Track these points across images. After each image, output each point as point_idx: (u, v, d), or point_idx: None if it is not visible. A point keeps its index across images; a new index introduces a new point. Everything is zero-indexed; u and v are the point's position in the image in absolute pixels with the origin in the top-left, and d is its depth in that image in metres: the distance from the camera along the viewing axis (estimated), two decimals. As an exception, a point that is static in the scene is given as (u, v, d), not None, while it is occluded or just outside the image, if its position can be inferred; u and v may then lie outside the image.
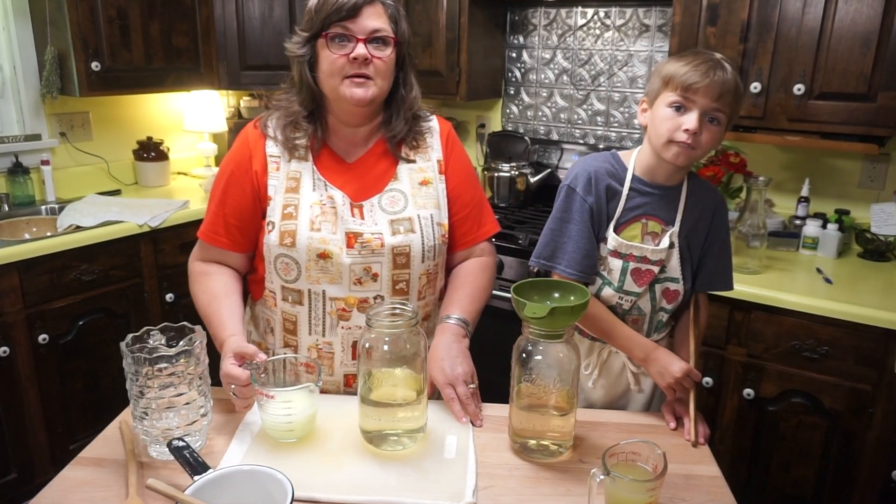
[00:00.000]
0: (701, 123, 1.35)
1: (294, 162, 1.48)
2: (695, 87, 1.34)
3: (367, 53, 1.38)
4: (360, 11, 1.38)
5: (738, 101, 1.39)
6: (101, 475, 1.20)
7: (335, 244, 1.42)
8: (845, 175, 2.60)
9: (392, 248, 1.44)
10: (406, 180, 1.51)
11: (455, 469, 1.21)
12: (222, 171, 1.53)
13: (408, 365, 1.25)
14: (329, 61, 1.40)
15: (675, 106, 1.37)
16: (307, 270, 1.43)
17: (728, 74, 1.35)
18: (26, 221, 2.87)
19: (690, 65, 1.35)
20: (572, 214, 1.47)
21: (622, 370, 1.56)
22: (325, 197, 1.45)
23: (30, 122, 3.00)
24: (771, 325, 2.13)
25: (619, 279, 1.47)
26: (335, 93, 1.42)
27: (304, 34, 1.44)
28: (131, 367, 1.18)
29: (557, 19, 3.12)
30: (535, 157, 3.19)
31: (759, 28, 2.28)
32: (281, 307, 1.50)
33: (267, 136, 1.50)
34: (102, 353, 2.69)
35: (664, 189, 1.47)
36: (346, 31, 1.38)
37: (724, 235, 1.53)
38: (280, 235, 1.44)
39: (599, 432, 1.36)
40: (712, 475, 1.25)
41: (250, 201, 1.48)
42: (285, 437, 1.27)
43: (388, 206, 1.48)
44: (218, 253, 1.53)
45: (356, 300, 1.46)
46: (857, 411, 2.04)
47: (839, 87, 2.20)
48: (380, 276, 1.45)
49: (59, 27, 2.79)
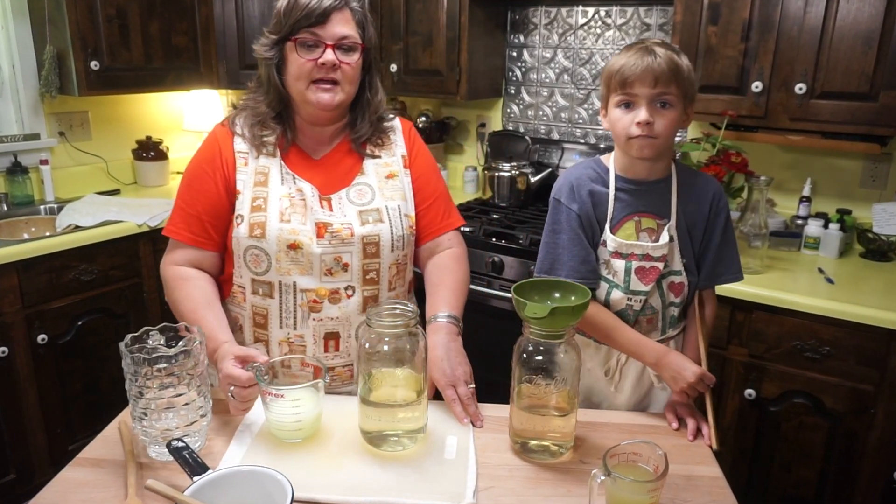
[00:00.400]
0: (651, 112, 1.37)
1: (262, 158, 1.51)
2: (630, 81, 1.36)
3: (336, 59, 1.43)
4: (329, 18, 1.42)
5: (681, 77, 1.37)
6: (100, 476, 1.20)
7: (305, 234, 1.45)
8: (847, 175, 2.60)
9: (362, 237, 1.48)
10: (372, 174, 1.55)
11: (455, 470, 1.21)
12: (192, 171, 1.54)
13: (408, 365, 1.25)
14: (297, 65, 1.44)
15: (623, 104, 1.39)
16: (277, 262, 1.45)
17: (658, 57, 1.35)
18: (25, 221, 2.87)
19: (622, 60, 1.38)
20: (561, 225, 1.50)
21: (643, 369, 1.55)
22: (295, 190, 1.48)
23: (28, 121, 3.00)
24: (772, 326, 2.13)
25: (625, 280, 1.47)
26: (302, 96, 1.47)
27: (273, 37, 1.47)
28: (130, 367, 1.18)
29: (558, 18, 3.12)
30: (535, 156, 3.19)
31: (760, 27, 2.28)
32: (251, 301, 1.51)
33: (235, 133, 1.53)
34: (101, 354, 2.70)
35: (650, 184, 1.48)
36: (315, 37, 1.43)
37: (724, 223, 1.52)
38: (249, 227, 1.46)
39: (600, 433, 1.36)
40: (713, 476, 1.25)
41: (223, 195, 1.50)
42: (293, 436, 1.27)
43: (356, 199, 1.51)
44: (193, 254, 1.52)
45: (327, 291, 1.47)
46: (859, 412, 2.04)
47: (841, 87, 2.19)
48: (350, 266, 1.48)
49: (58, 26, 2.79)
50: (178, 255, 1.53)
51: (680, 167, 1.52)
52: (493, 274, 2.63)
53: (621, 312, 1.50)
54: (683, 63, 1.38)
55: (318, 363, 1.32)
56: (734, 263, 1.54)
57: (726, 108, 2.37)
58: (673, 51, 1.38)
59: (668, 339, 1.54)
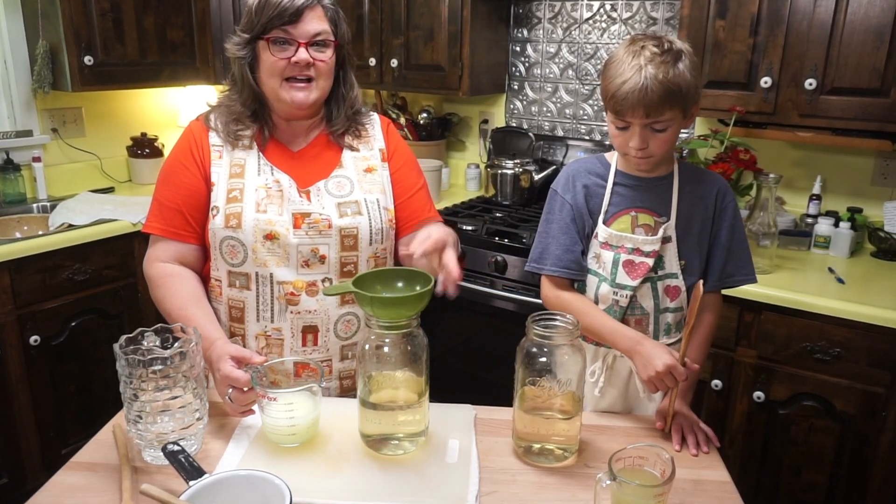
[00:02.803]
0: (645, 136, 1.37)
1: (238, 150, 1.53)
2: (623, 112, 1.36)
3: (309, 57, 1.46)
4: (301, 16, 1.44)
5: (676, 98, 1.33)
6: (94, 480, 1.20)
7: (282, 225, 1.47)
8: (858, 172, 2.59)
9: (340, 229, 1.49)
10: (351, 167, 1.57)
11: (457, 474, 1.21)
12: (168, 167, 1.56)
13: (409, 367, 1.25)
14: (270, 64, 1.47)
15: (617, 126, 1.40)
16: (254, 252, 1.47)
17: (647, 83, 1.30)
18: (17, 220, 2.87)
19: (616, 82, 1.34)
20: (554, 214, 1.53)
21: (630, 376, 1.54)
22: (272, 181, 1.50)
23: (21, 117, 3.00)
24: (782, 327, 2.12)
25: (612, 272, 1.47)
26: (276, 94, 1.49)
27: (245, 35, 1.49)
28: (125, 369, 1.18)
29: (562, 12, 3.12)
30: (539, 153, 3.18)
31: (769, 21, 2.28)
32: (227, 294, 1.52)
33: (210, 128, 1.55)
34: (95, 355, 2.70)
35: (650, 181, 1.49)
36: (288, 36, 1.45)
37: (732, 221, 1.50)
38: (225, 218, 1.47)
39: (605, 436, 1.36)
40: (721, 480, 1.25)
41: (202, 186, 1.52)
42: (288, 440, 1.27)
43: (335, 190, 1.53)
44: (176, 248, 1.53)
45: (304, 284, 1.49)
46: (871, 415, 2.04)
47: (852, 82, 2.19)
48: (327, 258, 1.49)
49: (51, 20, 2.80)
50: (161, 251, 1.54)
51: (683, 165, 1.52)
52: (496, 274, 2.63)
53: (608, 309, 1.49)
54: (680, 75, 1.33)
55: (316, 366, 1.32)
56: (746, 264, 1.52)
57: (734, 104, 2.37)
58: (669, 59, 1.32)
59: None
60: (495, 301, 2.65)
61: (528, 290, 2.53)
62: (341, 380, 1.57)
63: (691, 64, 1.35)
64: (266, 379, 1.31)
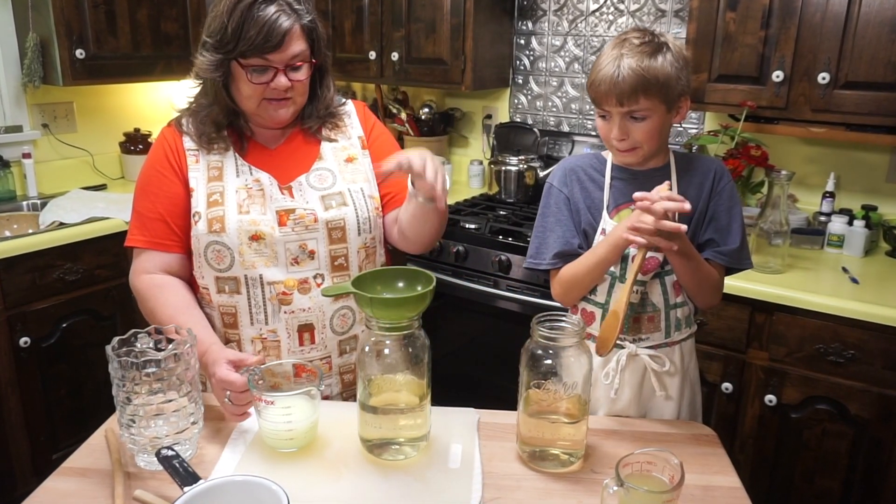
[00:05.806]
0: (625, 126, 1.41)
1: (214, 154, 1.54)
2: (598, 100, 1.42)
3: (288, 82, 1.46)
4: (283, 43, 1.42)
5: (651, 89, 1.36)
6: (85, 486, 1.20)
7: (266, 224, 1.47)
8: (873, 169, 2.59)
9: (326, 222, 1.50)
10: (331, 159, 1.59)
11: (460, 479, 1.21)
12: (145, 176, 1.55)
13: (410, 369, 1.25)
14: (248, 87, 1.46)
15: (599, 115, 1.45)
16: (241, 255, 1.47)
17: (621, 72, 1.35)
18: (7, 218, 2.88)
19: (594, 71, 1.41)
20: (550, 208, 1.56)
21: (644, 374, 1.54)
22: (251, 181, 1.51)
23: (10, 112, 3.01)
24: (794, 328, 2.12)
25: (621, 266, 1.48)
26: (252, 110, 1.50)
27: (218, 55, 1.45)
28: (118, 371, 1.18)
29: (568, 4, 3.11)
30: (544, 149, 3.18)
31: (781, 13, 2.28)
32: (217, 301, 1.52)
33: (183, 132, 1.56)
34: (87, 357, 2.70)
35: (646, 173, 1.50)
36: (267, 63, 1.44)
37: (729, 203, 1.50)
38: (208, 223, 1.48)
39: (613, 441, 1.36)
40: (732, 486, 1.25)
41: (182, 192, 1.52)
42: (285, 445, 1.27)
43: (317, 184, 1.54)
44: (162, 259, 1.53)
45: (295, 282, 1.49)
46: (886, 419, 2.04)
47: (866, 76, 2.19)
48: (317, 253, 1.50)
49: (42, 12, 2.80)
50: (147, 263, 1.53)
51: (678, 155, 1.54)
52: (500, 274, 2.63)
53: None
54: (657, 65, 1.36)
55: (315, 368, 1.32)
56: (741, 247, 1.49)
57: (745, 98, 2.37)
58: (648, 50, 1.36)
59: (674, 343, 1.53)
60: (499, 301, 2.65)
61: (532, 291, 2.53)
62: (342, 374, 1.58)
63: (674, 57, 1.39)
64: (264, 382, 1.31)
